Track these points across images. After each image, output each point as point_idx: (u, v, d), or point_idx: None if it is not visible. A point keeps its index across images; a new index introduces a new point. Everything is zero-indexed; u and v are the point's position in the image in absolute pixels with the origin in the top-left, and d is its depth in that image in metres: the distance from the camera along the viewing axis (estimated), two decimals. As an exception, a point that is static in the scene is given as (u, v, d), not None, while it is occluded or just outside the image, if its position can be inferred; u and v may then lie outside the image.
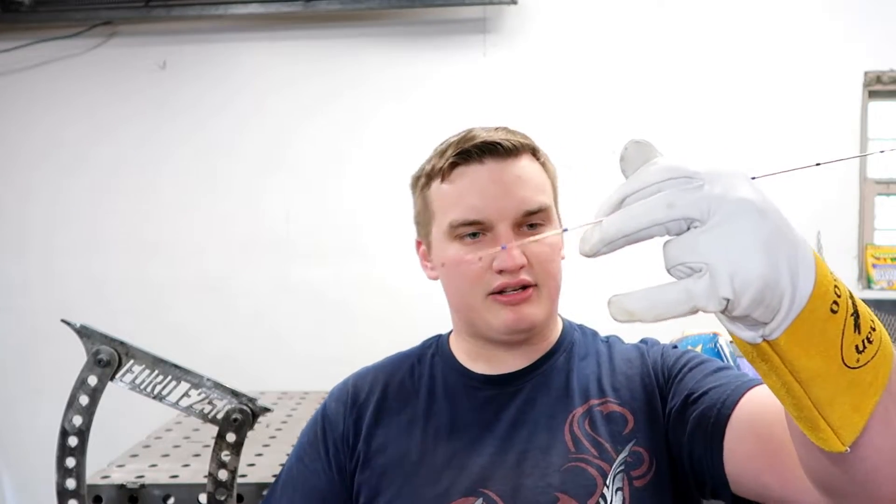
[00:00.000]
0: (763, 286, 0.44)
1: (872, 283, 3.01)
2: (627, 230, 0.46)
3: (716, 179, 0.45)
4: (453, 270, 0.92)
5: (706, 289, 0.44)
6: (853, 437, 0.52)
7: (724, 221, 0.44)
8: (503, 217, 0.89)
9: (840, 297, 0.49)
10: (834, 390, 0.50)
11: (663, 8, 3.02)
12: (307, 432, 1.03)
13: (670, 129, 2.99)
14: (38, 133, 3.20)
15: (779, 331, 0.47)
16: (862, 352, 0.50)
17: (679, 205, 0.45)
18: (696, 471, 0.83)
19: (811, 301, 0.47)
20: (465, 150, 0.91)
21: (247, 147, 3.14)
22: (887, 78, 2.99)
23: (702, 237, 0.44)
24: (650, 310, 0.45)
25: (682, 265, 0.45)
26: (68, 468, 1.27)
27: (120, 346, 1.30)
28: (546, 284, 0.91)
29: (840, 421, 0.51)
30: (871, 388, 0.51)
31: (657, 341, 1.01)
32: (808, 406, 0.51)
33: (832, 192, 2.97)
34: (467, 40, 3.08)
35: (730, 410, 0.78)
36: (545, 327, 0.96)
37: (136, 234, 3.17)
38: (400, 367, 1.02)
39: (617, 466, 0.86)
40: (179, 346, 2.42)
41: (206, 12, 3.04)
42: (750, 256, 0.44)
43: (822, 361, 0.49)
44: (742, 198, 0.45)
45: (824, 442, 0.52)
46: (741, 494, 0.79)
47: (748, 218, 0.44)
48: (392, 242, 3.03)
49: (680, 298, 0.44)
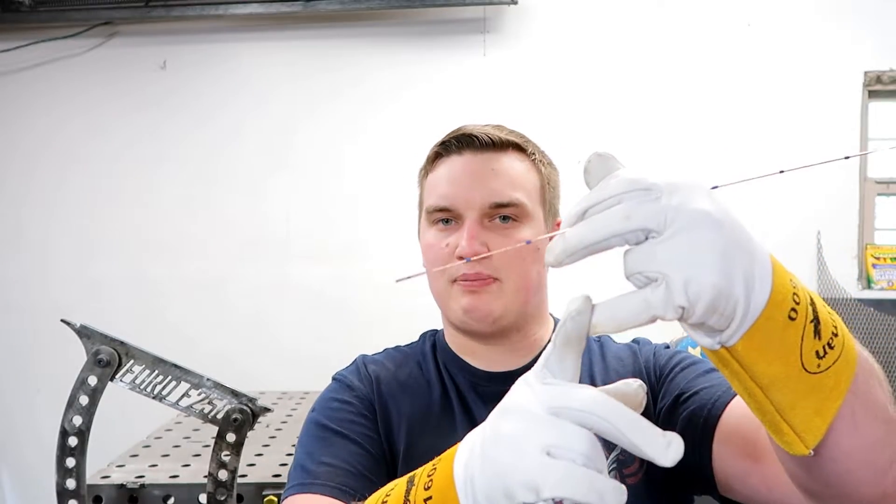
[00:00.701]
0: (716, 295, 0.45)
1: (872, 283, 3.01)
2: (588, 241, 0.47)
3: (673, 191, 0.46)
4: (427, 255, 0.95)
5: (662, 297, 0.45)
6: (816, 440, 0.52)
7: (679, 232, 0.45)
8: (470, 206, 0.90)
9: (799, 304, 0.50)
10: (794, 395, 0.51)
11: (663, 8, 3.02)
12: (335, 398, 0.95)
13: (670, 128, 2.99)
14: (38, 133, 3.20)
15: (735, 338, 0.48)
16: (823, 357, 0.51)
17: (636, 216, 0.46)
18: (685, 470, 0.84)
19: (767, 309, 0.48)
20: (447, 142, 0.94)
21: (246, 147, 3.14)
22: (887, 78, 2.99)
23: (658, 247, 0.45)
24: (611, 320, 0.47)
25: (640, 274, 0.46)
26: (68, 468, 1.27)
27: (120, 346, 1.30)
28: (510, 279, 0.91)
29: (802, 425, 0.52)
30: (833, 392, 0.52)
31: (649, 341, 1.01)
32: (771, 410, 0.52)
33: (832, 192, 2.97)
34: (467, 40, 3.08)
35: (719, 412, 0.79)
36: (516, 322, 0.95)
37: (135, 234, 3.17)
38: (406, 361, 1.01)
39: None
40: (179, 345, 2.42)
41: (206, 12, 3.04)
42: (703, 266, 0.45)
43: (782, 367, 0.50)
44: (698, 209, 0.46)
45: (788, 445, 0.53)
46: (728, 496, 0.80)
47: (703, 228, 0.45)
48: (392, 242, 3.03)
49: (639, 308, 0.46)
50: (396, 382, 0.97)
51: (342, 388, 0.96)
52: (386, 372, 0.98)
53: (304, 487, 0.82)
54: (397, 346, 1.06)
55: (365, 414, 0.92)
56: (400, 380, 0.97)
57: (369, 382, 0.96)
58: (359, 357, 1.03)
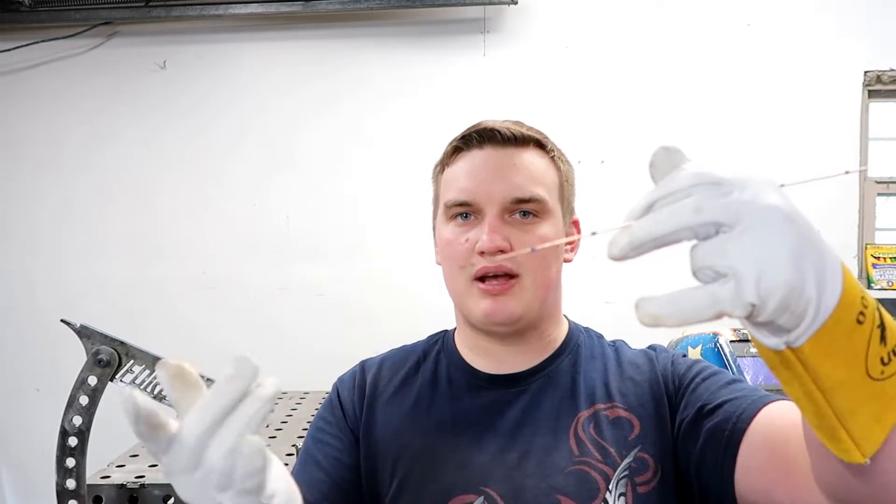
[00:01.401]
0: (789, 292, 0.44)
1: (872, 283, 3.01)
2: (656, 234, 0.46)
3: (744, 186, 0.46)
4: (445, 251, 0.94)
5: (732, 293, 0.44)
6: (874, 448, 0.51)
7: (752, 227, 0.44)
8: (491, 201, 0.89)
9: (867, 309, 0.49)
10: (856, 401, 0.50)
11: (663, 8, 3.02)
12: (322, 415, 1.00)
13: (670, 128, 2.98)
14: (38, 133, 3.20)
15: (803, 338, 0.47)
16: (887, 364, 0.50)
17: (707, 210, 0.45)
18: (703, 482, 0.82)
19: (837, 310, 0.47)
20: (468, 136, 0.93)
21: (248, 146, 3.14)
22: (887, 78, 2.99)
23: (729, 242, 0.44)
24: (675, 314, 0.45)
25: (709, 269, 0.45)
26: (68, 468, 1.27)
27: (120, 346, 1.30)
28: (530, 276, 0.90)
29: (861, 432, 0.51)
30: (893, 400, 0.51)
31: (665, 348, 1.00)
32: (830, 416, 0.51)
33: (832, 192, 2.97)
34: (467, 40, 3.08)
35: (745, 425, 0.78)
36: (534, 322, 0.94)
37: (136, 234, 3.17)
38: (406, 361, 1.01)
39: (621, 472, 0.86)
40: (182, 345, 2.43)
41: (206, 12, 3.03)
42: (777, 262, 0.44)
43: (846, 371, 0.49)
44: (771, 204, 0.45)
45: (845, 453, 0.52)
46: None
47: (776, 224, 0.45)
48: (394, 241, 3.03)
49: (706, 303, 0.44)
50: (390, 385, 0.98)
51: (329, 405, 1.00)
52: (382, 375, 0.99)
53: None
54: (402, 346, 1.06)
55: (339, 436, 0.95)
56: (395, 383, 0.98)
57: (361, 389, 0.98)
58: (360, 363, 1.04)
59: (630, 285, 1.43)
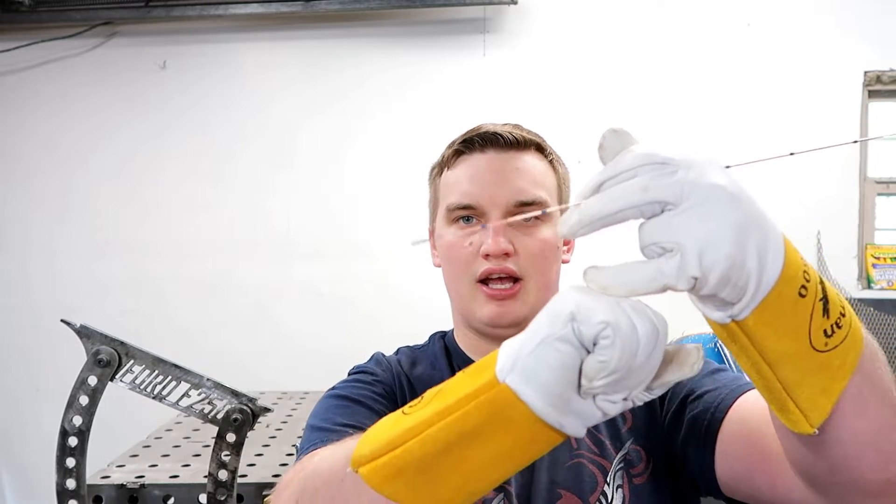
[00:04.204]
0: (730, 266, 0.46)
1: (872, 282, 3.01)
2: (604, 212, 0.47)
3: (690, 165, 0.47)
4: (447, 255, 0.94)
5: (676, 267, 0.46)
6: (821, 419, 0.53)
7: (696, 205, 0.46)
8: (495, 204, 0.90)
9: (809, 283, 0.50)
10: (802, 372, 0.52)
11: (663, 8, 3.02)
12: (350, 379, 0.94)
13: (670, 128, 2.98)
14: (38, 133, 3.20)
15: (746, 311, 0.49)
16: (831, 336, 0.51)
17: (653, 188, 0.46)
18: (688, 471, 0.84)
19: (778, 284, 0.48)
20: (469, 140, 0.94)
21: (248, 146, 3.14)
22: (887, 78, 2.99)
23: (674, 219, 0.46)
24: (623, 285, 0.47)
25: (655, 245, 0.47)
26: (68, 468, 1.27)
27: (120, 346, 1.30)
28: (533, 278, 0.90)
29: (808, 402, 0.53)
30: (839, 371, 0.52)
31: None
32: (778, 388, 0.52)
33: (832, 192, 2.97)
34: (467, 40, 3.08)
35: (723, 414, 0.79)
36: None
37: (136, 234, 3.17)
38: (420, 360, 1.01)
39: (617, 464, 0.87)
40: (182, 344, 2.43)
41: (206, 12, 3.04)
42: (718, 237, 0.45)
43: (790, 343, 0.50)
44: (715, 183, 0.46)
45: (794, 424, 0.54)
46: (732, 496, 0.80)
47: (719, 202, 0.46)
48: (393, 241, 3.03)
49: (652, 276, 0.46)
50: (412, 379, 0.97)
51: (364, 374, 0.95)
52: (402, 368, 0.98)
53: (325, 444, 0.76)
54: (409, 346, 1.06)
55: (386, 395, 0.91)
56: (415, 376, 0.97)
57: (391, 373, 0.96)
58: (376, 353, 1.02)
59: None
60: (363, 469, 0.52)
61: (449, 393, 0.52)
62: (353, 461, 0.53)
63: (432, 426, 0.51)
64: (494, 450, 0.50)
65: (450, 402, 0.51)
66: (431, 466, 0.51)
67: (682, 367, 0.50)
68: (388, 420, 0.55)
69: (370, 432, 0.55)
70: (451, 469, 0.51)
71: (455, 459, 0.51)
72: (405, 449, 0.51)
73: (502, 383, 0.49)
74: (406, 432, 0.51)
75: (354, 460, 0.53)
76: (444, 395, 0.52)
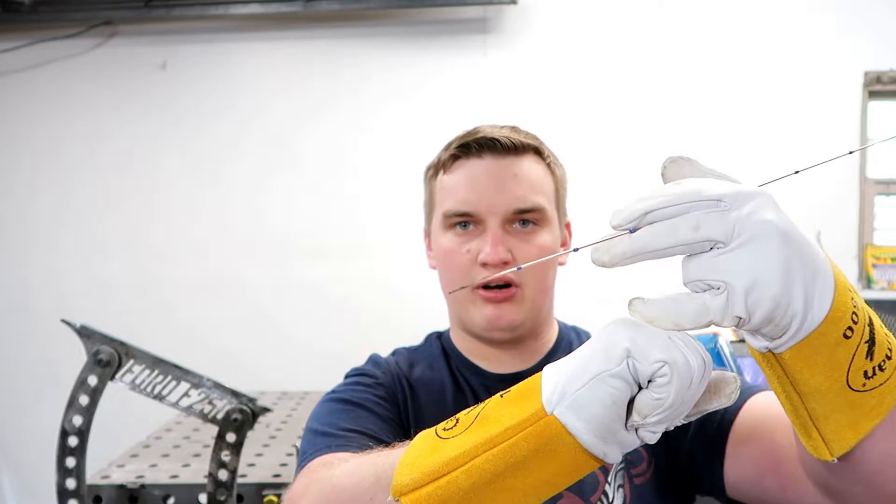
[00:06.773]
0: (774, 307, 0.46)
1: (872, 283, 3.01)
2: (653, 247, 0.47)
3: (742, 203, 0.47)
4: (444, 260, 0.94)
5: (722, 306, 0.46)
6: (842, 451, 0.54)
7: (745, 243, 0.46)
8: (493, 212, 0.90)
9: (857, 324, 0.50)
10: (831, 407, 0.52)
11: (663, 8, 3.02)
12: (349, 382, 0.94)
13: (670, 128, 2.99)
14: (39, 133, 3.20)
15: (784, 347, 0.50)
16: (871, 377, 0.52)
17: (705, 228, 0.46)
18: (693, 473, 0.83)
19: (823, 325, 0.49)
20: (466, 144, 0.93)
21: (248, 146, 3.14)
22: (887, 78, 2.99)
23: (722, 257, 0.46)
24: (669, 319, 0.47)
25: (700, 281, 0.47)
26: (68, 468, 1.27)
27: (120, 346, 1.30)
28: (530, 284, 0.91)
29: (832, 435, 0.54)
30: (873, 411, 0.53)
31: None
32: (804, 415, 0.54)
33: (832, 192, 2.97)
34: (467, 40, 3.08)
35: (733, 416, 0.79)
36: (533, 328, 0.95)
37: (137, 234, 3.17)
38: (418, 361, 1.00)
39: (618, 464, 0.87)
40: (182, 344, 2.42)
41: (206, 12, 3.04)
42: (766, 278, 0.46)
43: (824, 380, 0.51)
44: (766, 220, 0.46)
45: (815, 450, 0.55)
46: (738, 498, 0.80)
47: (769, 241, 0.46)
48: (394, 241, 3.03)
49: (698, 312, 0.47)
50: (412, 380, 0.97)
51: (364, 376, 0.95)
52: (401, 370, 0.98)
53: (332, 449, 0.77)
54: (406, 347, 1.06)
55: (387, 398, 0.91)
56: (415, 378, 0.97)
57: (390, 374, 0.96)
58: (373, 354, 1.02)
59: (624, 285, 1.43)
60: (406, 499, 0.52)
61: (493, 421, 0.52)
62: (394, 490, 0.53)
63: (478, 457, 0.51)
64: (538, 478, 0.51)
65: (495, 433, 0.51)
66: (476, 496, 0.51)
67: (720, 397, 0.51)
68: (425, 444, 0.55)
69: (407, 457, 0.55)
70: (494, 499, 0.52)
71: (499, 489, 0.51)
72: (450, 480, 0.51)
73: (550, 415, 0.49)
74: (451, 461, 0.51)
75: (395, 489, 0.53)
76: (487, 422, 0.52)
